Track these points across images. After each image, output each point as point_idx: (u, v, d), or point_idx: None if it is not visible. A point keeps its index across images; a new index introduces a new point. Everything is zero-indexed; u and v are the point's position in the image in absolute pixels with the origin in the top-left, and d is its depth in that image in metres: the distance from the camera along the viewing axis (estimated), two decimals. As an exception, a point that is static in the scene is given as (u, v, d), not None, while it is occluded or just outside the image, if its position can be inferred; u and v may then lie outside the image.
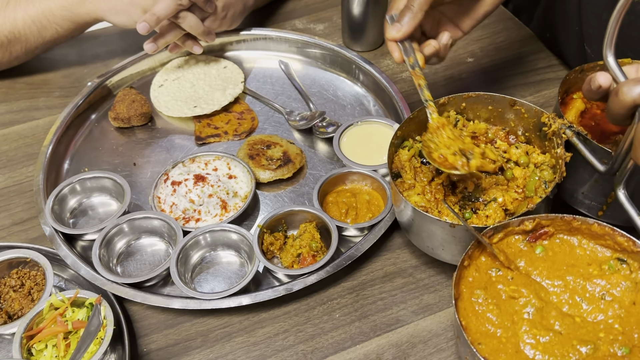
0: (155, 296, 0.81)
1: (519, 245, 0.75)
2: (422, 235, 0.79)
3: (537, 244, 0.74)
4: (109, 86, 1.15)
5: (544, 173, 0.80)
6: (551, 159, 0.82)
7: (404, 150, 0.86)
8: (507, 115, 0.86)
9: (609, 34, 0.64)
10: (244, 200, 0.94)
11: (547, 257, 0.73)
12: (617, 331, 0.66)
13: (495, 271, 0.72)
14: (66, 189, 0.93)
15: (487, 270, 0.72)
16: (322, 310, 0.83)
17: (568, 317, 0.68)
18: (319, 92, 1.15)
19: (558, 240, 0.74)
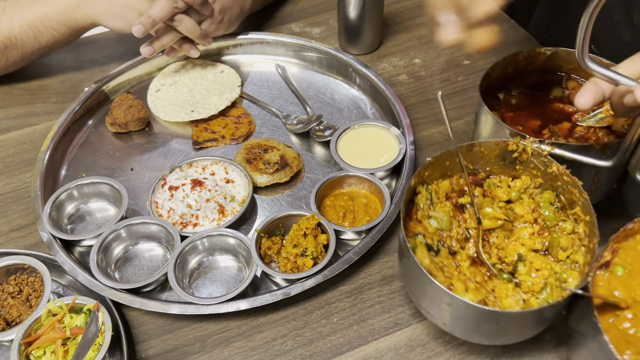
0: (153, 302, 0.81)
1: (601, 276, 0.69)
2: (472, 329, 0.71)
3: (613, 266, 0.70)
4: (106, 91, 1.15)
5: (545, 196, 0.79)
6: (535, 179, 0.80)
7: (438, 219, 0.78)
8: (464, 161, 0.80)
9: (580, 39, 0.64)
10: (241, 205, 0.94)
11: (629, 273, 0.69)
12: None
13: (614, 317, 0.66)
14: (63, 195, 0.93)
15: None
16: (320, 314, 0.83)
17: None
18: (316, 96, 1.15)
19: (622, 250, 0.71)
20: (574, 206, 0.75)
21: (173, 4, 1.00)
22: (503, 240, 0.77)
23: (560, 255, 0.74)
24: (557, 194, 0.78)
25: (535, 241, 0.76)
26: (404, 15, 1.32)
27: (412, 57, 1.22)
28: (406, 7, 1.34)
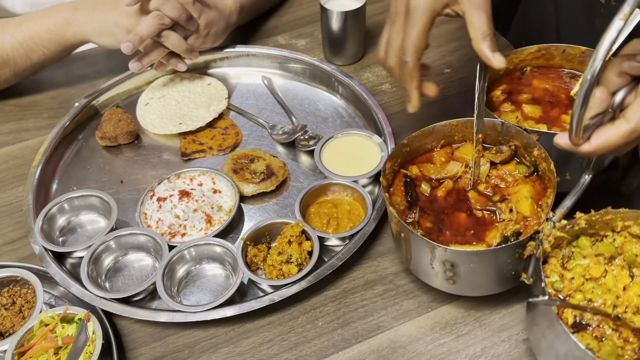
0: (143, 310, 0.83)
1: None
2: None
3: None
4: (96, 106, 1.18)
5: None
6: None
7: None
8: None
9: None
10: (228, 214, 0.96)
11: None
12: None
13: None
14: (55, 208, 0.96)
15: None
16: (306, 319, 0.85)
17: None
18: (301, 106, 1.18)
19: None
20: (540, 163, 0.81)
21: (159, 20, 1.03)
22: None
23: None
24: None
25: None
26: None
27: (395, 67, 1.25)
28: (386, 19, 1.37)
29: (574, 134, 0.64)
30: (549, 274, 0.72)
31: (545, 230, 0.71)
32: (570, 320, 0.67)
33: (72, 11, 1.10)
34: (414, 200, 0.82)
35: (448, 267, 0.75)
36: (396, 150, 0.84)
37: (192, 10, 1.09)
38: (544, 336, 0.69)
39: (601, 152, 0.64)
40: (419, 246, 0.75)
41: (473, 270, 0.75)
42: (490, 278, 0.77)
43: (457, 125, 0.86)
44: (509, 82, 0.97)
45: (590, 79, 0.59)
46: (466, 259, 0.73)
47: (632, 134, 0.61)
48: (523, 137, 0.82)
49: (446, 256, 0.73)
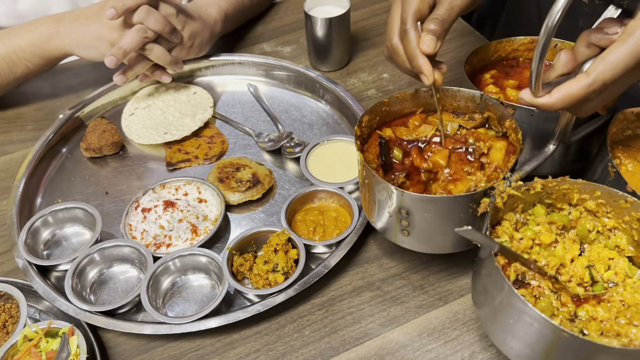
0: (127, 323, 0.83)
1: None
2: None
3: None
4: (81, 117, 1.17)
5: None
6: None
7: None
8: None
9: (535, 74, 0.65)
10: (214, 224, 0.96)
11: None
12: None
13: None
14: (39, 222, 0.95)
15: None
16: (293, 328, 0.85)
17: None
18: (287, 113, 1.18)
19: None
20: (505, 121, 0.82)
21: (143, 34, 1.03)
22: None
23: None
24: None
25: None
26: (372, 32, 1.35)
27: (381, 72, 1.25)
28: (374, 24, 1.37)
29: (534, 86, 0.65)
30: (499, 235, 0.73)
31: (499, 187, 0.72)
32: (512, 277, 0.68)
33: (55, 24, 1.09)
34: (389, 164, 0.83)
35: (404, 215, 0.75)
36: (376, 106, 0.84)
37: (175, 23, 1.09)
38: (484, 287, 0.70)
39: (561, 105, 0.65)
40: (379, 191, 0.76)
41: (427, 221, 0.75)
42: (444, 233, 0.77)
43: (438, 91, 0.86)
44: (500, 68, 1.00)
45: (548, 27, 0.60)
46: (420, 206, 0.73)
47: (591, 86, 0.62)
48: (498, 110, 0.83)
49: (402, 202, 0.73)
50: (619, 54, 0.60)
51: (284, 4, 1.46)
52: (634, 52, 0.60)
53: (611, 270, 0.72)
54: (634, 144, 0.88)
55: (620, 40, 0.61)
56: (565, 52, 0.65)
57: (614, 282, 0.71)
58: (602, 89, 0.62)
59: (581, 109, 0.67)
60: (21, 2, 1.26)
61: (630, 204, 0.70)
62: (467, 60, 0.95)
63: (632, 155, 0.85)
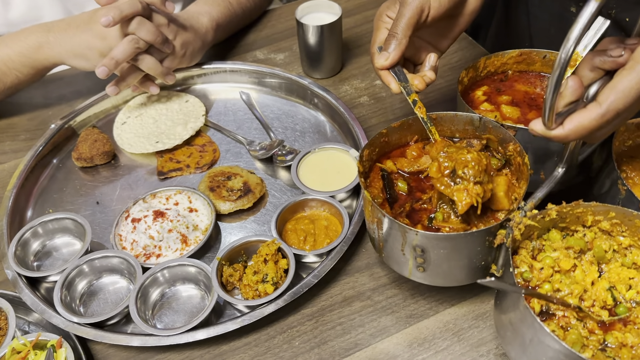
0: (116, 335, 0.82)
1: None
2: None
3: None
4: (73, 126, 1.17)
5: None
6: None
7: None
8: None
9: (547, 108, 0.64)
10: (204, 233, 0.95)
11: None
12: None
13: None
14: (28, 233, 0.95)
15: None
16: (282, 339, 0.84)
17: None
18: (279, 121, 1.17)
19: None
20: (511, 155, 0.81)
21: (134, 44, 1.03)
22: None
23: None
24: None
25: None
26: (364, 39, 1.35)
27: (373, 79, 1.25)
28: (366, 30, 1.37)
29: (547, 119, 0.64)
30: (518, 265, 0.72)
31: (516, 218, 0.71)
32: (537, 309, 0.68)
33: (45, 34, 1.09)
34: (394, 198, 0.81)
35: (419, 253, 0.74)
36: (375, 138, 0.84)
37: (167, 33, 1.09)
38: (511, 323, 0.69)
39: (575, 136, 0.64)
40: (390, 230, 0.75)
41: (443, 257, 0.74)
42: (460, 267, 0.76)
43: (435, 119, 0.85)
44: (491, 83, 0.99)
45: (562, 61, 0.59)
46: (436, 244, 0.72)
47: (604, 117, 0.62)
48: (499, 132, 0.81)
49: (417, 240, 0.72)
50: (630, 82, 0.60)
51: (277, 12, 1.46)
52: None
53: (633, 289, 0.71)
54: (636, 154, 0.88)
55: (629, 67, 0.61)
56: (573, 79, 0.64)
57: (636, 302, 0.70)
58: (615, 117, 0.62)
59: (594, 136, 0.66)
60: (12, 10, 1.26)
61: None
62: (459, 80, 0.94)
63: (637, 166, 0.85)
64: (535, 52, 0.97)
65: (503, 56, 0.98)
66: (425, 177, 0.83)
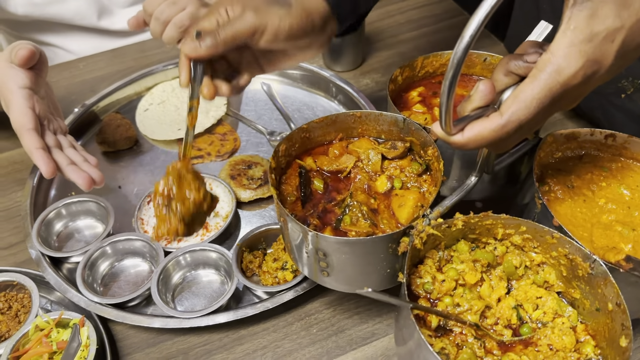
0: (137, 316, 0.83)
1: None
2: None
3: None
4: (95, 111, 1.19)
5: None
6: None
7: None
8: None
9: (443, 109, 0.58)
10: (224, 220, 0.96)
11: None
12: None
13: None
14: (52, 214, 0.96)
15: None
16: (300, 326, 0.85)
17: None
18: (300, 112, 1.18)
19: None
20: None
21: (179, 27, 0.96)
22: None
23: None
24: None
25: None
26: (385, 33, 1.36)
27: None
28: (388, 25, 1.38)
29: (444, 123, 0.59)
30: (422, 275, 0.69)
31: (418, 226, 0.67)
32: (434, 323, 0.65)
33: None
34: (308, 196, 0.78)
35: (321, 257, 0.70)
36: (294, 133, 0.80)
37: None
38: (403, 338, 0.66)
39: (474, 145, 0.60)
40: (293, 231, 0.71)
41: (346, 262, 0.70)
42: (365, 273, 0.72)
43: (360, 117, 0.82)
44: (428, 85, 0.96)
45: (455, 62, 0.53)
46: (337, 248, 0.68)
47: (504, 128, 0.58)
48: (421, 135, 0.78)
49: (317, 243, 0.68)
50: (532, 92, 0.56)
51: (299, 4, 1.46)
52: (546, 88, 0.56)
53: (540, 309, 0.69)
54: (563, 167, 0.83)
55: (531, 76, 0.56)
56: (485, 83, 0.60)
57: (542, 322, 0.68)
58: (517, 129, 0.58)
59: (497, 146, 0.62)
60: None
61: (557, 240, 0.67)
62: (392, 79, 0.90)
63: (562, 180, 0.81)
64: (476, 54, 0.93)
65: (442, 57, 0.94)
66: (344, 178, 0.80)
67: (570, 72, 0.55)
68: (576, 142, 0.84)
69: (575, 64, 0.55)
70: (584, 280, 0.66)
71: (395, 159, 0.81)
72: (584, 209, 0.77)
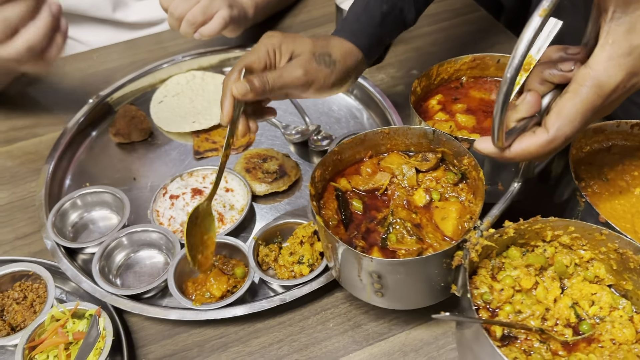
0: (153, 307, 0.83)
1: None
2: None
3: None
4: (110, 103, 1.18)
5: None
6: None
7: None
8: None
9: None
10: (240, 213, 0.96)
11: None
12: None
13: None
14: (67, 204, 0.96)
15: None
16: (316, 320, 0.85)
17: None
18: (314, 106, 1.17)
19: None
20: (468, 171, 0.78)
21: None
22: None
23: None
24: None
25: None
26: (401, 27, 1.35)
27: (410, 68, 1.25)
28: (404, 19, 1.36)
29: (496, 138, 0.61)
30: (478, 286, 0.69)
31: (472, 239, 0.68)
32: (498, 333, 0.65)
33: None
34: (349, 219, 0.77)
35: (375, 279, 0.70)
36: (327, 157, 0.79)
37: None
38: (471, 350, 0.66)
39: (520, 159, 0.63)
40: (345, 257, 0.71)
41: (401, 282, 0.70)
42: (419, 290, 0.73)
43: (388, 133, 0.82)
44: (445, 92, 0.96)
45: (509, 78, 0.55)
46: (392, 270, 0.69)
47: (551, 144, 0.60)
48: (453, 145, 0.78)
49: (372, 267, 0.68)
50: (574, 107, 0.58)
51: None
52: (588, 102, 0.58)
53: (596, 305, 0.69)
54: (594, 160, 0.84)
55: (572, 91, 0.59)
56: (532, 94, 0.62)
57: (599, 317, 0.68)
58: (563, 142, 0.61)
59: (542, 158, 0.64)
60: None
61: (606, 236, 0.68)
62: (412, 91, 0.89)
63: (596, 174, 0.82)
64: (489, 56, 0.94)
65: (456, 62, 0.95)
66: (381, 195, 0.80)
67: (611, 85, 0.57)
68: (603, 134, 0.85)
69: (615, 77, 0.57)
70: (636, 272, 0.67)
71: (429, 171, 0.81)
72: (622, 201, 0.78)
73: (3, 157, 1.11)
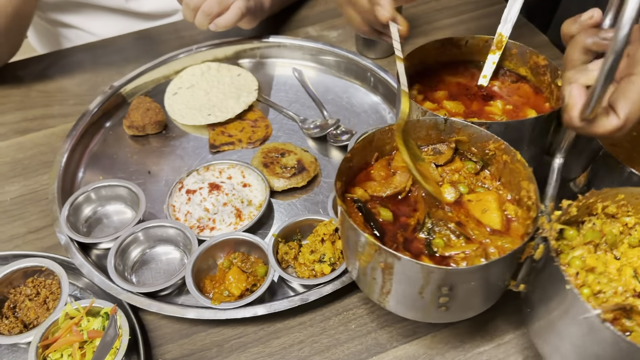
0: (170, 306, 0.81)
1: None
2: None
3: None
4: (123, 94, 1.15)
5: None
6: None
7: None
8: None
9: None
10: (258, 209, 0.93)
11: None
12: None
13: None
14: (81, 198, 0.93)
15: None
16: (338, 321, 0.82)
17: None
18: (333, 100, 1.14)
19: None
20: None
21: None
22: None
23: None
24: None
25: None
26: (421, 19, 1.31)
27: (430, 62, 1.21)
28: (423, 11, 1.33)
29: (590, 109, 0.59)
30: (570, 270, 0.65)
31: (544, 226, 0.64)
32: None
33: None
34: (382, 231, 0.70)
35: (444, 292, 0.64)
36: (342, 166, 0.71)
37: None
38: (572, 344, 0.62)
39: (598, 135, 0.62)
40: (405, 274, 0.63)
41: (472, 290, 0.65)
42: (485, 294, 0.68)
43: (397, 129, 0.76)
44: (422, 80, 0.92)
45: (618, 49, 0.54)
46: (467, 278, 0.63)
47: (625, 127, 0.60)
48: (472, 131, 0.73)
49: (444, 279, 0.62)
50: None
51: (330, -12, 1.42)
52: None
53: None
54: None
55: (637, 74, 0.58)
56: (576, 87, 0.62)
57: None
58: (634, 124, 0.61)
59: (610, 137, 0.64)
60: None
61: None
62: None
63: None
64: (456, 39, 0.92)
65: (424, 48, 0.91)
66: (403, 198, 0.74)
67: None
68: None
69: None
70: None
71: (447, 164, 0.76)
72: None
73: (14, 148, 1.08)
